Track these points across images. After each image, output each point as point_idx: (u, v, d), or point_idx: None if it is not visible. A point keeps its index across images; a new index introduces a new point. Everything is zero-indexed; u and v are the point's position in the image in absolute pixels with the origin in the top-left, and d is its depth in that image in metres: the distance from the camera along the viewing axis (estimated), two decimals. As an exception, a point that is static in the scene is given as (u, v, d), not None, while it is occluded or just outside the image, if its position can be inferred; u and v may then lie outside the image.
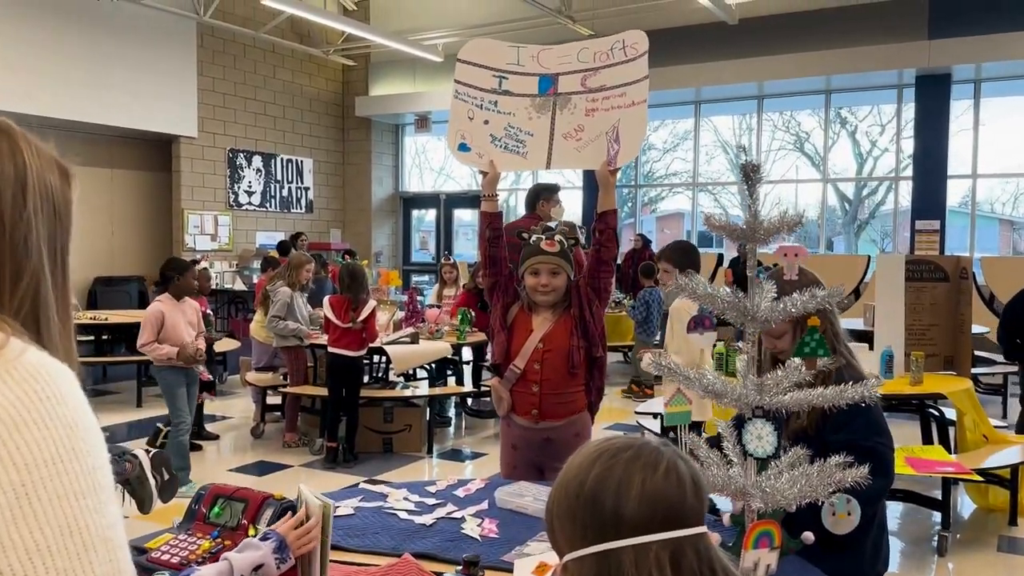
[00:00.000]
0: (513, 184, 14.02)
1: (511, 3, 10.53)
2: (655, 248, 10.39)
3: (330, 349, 5.57)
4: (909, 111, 10.87)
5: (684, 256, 4.06)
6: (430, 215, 15.48)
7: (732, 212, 14.63)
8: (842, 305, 5.38)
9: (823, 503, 1.60)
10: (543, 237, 2.85)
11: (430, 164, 15.42)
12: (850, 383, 1.71)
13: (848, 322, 6.61)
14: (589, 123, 2.87)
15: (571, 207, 14.37)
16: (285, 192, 13.64)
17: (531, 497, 2.34)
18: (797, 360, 1.78)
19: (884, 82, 10.96)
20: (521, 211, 5.28)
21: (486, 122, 2.93)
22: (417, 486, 2.57)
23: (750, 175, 1.73)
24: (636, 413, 5.79)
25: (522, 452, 2.91)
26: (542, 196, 4.96)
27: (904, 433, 5.50)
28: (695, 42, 11.14)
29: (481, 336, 6.62)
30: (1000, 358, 8.15)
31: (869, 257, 10.61)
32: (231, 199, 12.75)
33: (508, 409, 2.89)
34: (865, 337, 5.31)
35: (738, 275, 9.20)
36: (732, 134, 13.93)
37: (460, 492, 2.49)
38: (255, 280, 11.24)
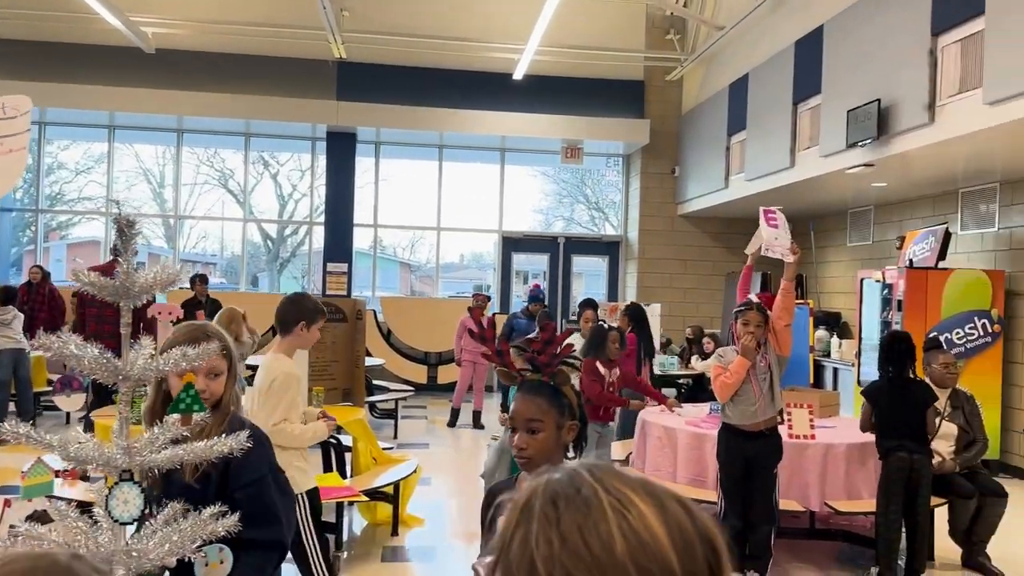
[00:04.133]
0: None
1: None
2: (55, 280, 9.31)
3: None
4: (322, 162, 11.86)
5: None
6: None
7: (155, 244, 14.01)
8: (244, 352, 5.63)
9: (190, 558, 1.62)
10: None
11: None
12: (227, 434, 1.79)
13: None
14: None
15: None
16: None
17: None
18: (175, 416, 1.79)
19: (301, 133, 11.78)
20: None
21: None
22: None
23: (124, 231, 1.70)
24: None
25: None
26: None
27: (309, 463, 5.94)
28: (109, 64, 10.42)
29: None
30: (393, 385, 9.37)
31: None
32: None
33: None
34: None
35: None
36: (155, 163, 13.42)
37: None
38: None
